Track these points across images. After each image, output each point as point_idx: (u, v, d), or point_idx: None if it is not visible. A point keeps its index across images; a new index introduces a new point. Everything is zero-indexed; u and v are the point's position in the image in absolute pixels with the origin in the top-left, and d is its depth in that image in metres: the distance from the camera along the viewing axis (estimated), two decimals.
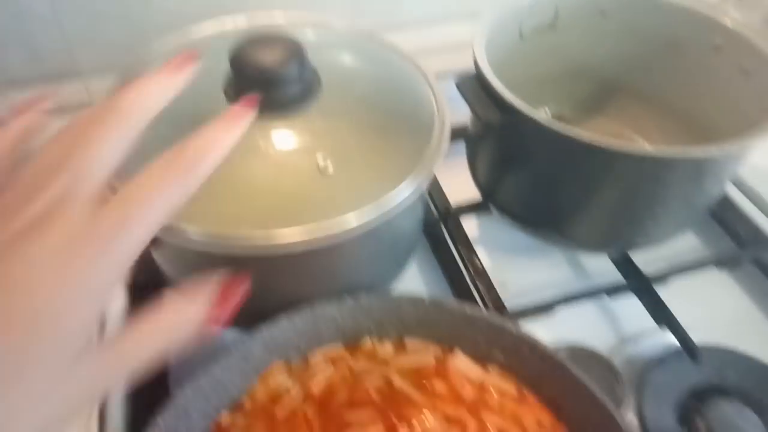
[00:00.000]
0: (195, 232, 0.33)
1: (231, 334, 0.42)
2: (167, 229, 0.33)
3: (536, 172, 0.48)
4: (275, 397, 0.39)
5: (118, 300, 0.50)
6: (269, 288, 0.40)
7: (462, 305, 0.42)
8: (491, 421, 0.38)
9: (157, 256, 0.43)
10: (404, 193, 0.38)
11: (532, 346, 0.40)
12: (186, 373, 0.36)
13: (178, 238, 0.34)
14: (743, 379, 0.46)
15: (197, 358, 0.37)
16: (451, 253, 0.55)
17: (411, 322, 0.42)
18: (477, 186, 0.56)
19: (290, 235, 0.34)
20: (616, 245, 0.52)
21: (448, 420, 0.38)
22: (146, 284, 0.50)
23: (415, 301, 0.42)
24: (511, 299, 0.50)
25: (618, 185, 0.44)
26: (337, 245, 0.36)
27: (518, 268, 0.56)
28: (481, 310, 0.42)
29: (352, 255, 0.40)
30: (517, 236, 0.58)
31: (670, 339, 0.48)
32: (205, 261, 0.36)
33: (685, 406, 0.44)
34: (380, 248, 0.42)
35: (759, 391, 0.45)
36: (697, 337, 0.47)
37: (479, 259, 0.53)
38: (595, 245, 0.52)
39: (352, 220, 0.35)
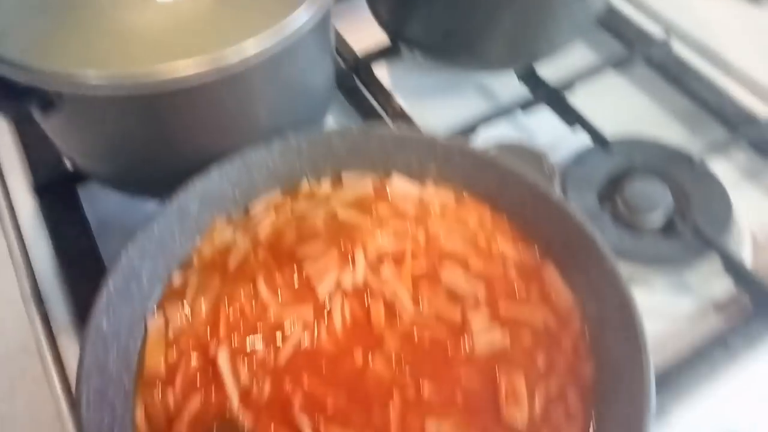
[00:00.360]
0: (95, 75, 0.30)
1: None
2: (67, 78, 0.30)
3: None
4: (224, 251, 0.39)
5: (27, 204, 0.46)
6: (188, 137, 0.38)
7: (390, 128, 0.42)
8: (437, 227, 0.40)
9: (55, 134, 0.39)
10: (300, 17, 0.36)
11: (462, 151, 0.41)
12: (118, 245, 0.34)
13: (79, 84, 0.30)
14: (650, 160, 0.50)
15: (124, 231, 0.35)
16: (369, 101, 0.54)
17: (343, 154, 0.42)
18: (382, 27, 0.55)
19: (193, 66, 0.32)
20: (523, 57, 0.53)
21: (398, 235, 0.40)
22: (51, 184, 0.46)
23: (343, 132, 0.41)
24: (433, 132, 0.51)
25: None
26: (242, 77, 0.35)
27: (435, 106, 0.56)
28: (410, 129, 0.42)
29: (260, 90, 0.38)
30: (430, 77, 0.58)
31: (583, 140, 0.51)
32: (108, 113, 0.33)
33: (604, 189, 0.49)
34: (289, 86, 0.41)
35: (664, 166, 0.50)
36: (606, 132, 0.51)
37: (397, 102, 0.54)
38: (504, 60, 0.53)
39: (251, 46, 0.34)
